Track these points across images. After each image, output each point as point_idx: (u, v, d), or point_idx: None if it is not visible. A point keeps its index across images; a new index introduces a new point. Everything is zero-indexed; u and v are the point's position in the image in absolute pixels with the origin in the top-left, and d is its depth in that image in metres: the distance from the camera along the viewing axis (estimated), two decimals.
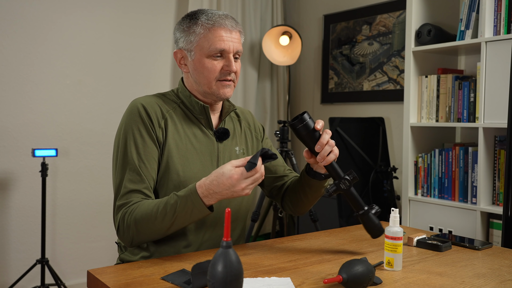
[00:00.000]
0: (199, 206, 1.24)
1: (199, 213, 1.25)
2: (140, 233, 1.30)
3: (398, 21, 3.15)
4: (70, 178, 3.02)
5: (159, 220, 1.27)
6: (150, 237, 1.32)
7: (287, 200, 1.56)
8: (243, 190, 1.22)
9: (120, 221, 1.32)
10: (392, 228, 1.20)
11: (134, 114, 1.38)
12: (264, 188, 1.62)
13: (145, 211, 1.28)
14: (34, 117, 2.89)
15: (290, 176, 1.60)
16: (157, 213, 1.27)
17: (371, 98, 3.31)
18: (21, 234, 2.86)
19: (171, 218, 1.26)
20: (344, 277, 1.04)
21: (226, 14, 1.42)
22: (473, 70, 2.62)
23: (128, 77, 3.22)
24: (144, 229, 1.29)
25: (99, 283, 1.10)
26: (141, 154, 1.35)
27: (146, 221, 1.28)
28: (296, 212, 1.57)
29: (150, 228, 1.29)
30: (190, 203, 1.24)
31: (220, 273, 0.85)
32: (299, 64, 3.90)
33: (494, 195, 2.30)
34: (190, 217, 1.26)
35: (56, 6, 2.94)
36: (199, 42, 1.39)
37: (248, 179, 1.21)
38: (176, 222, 1.27)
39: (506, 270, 1.23)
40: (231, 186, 1.20)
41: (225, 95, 1.42)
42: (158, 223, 1.27)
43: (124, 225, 1.31)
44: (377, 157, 2.82)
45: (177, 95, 1.47)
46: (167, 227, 1.28)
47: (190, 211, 1.25)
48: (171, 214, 1.25)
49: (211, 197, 1.23)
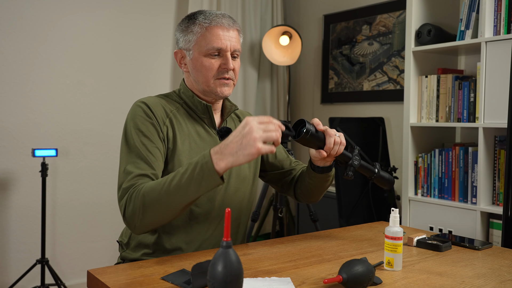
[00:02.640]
0: (209, 167, 1.16)
1: (209, 178, 1.17)
2: (147, 209, 1.22)
3: (398, 21, 3.15)
4: (70, 178, 3.02)
5: (167, 190, 1.20)
6: (158, 214, 1.23)
7: (299, 193, 1.58)
8: (255, 141, 1.12)
9: (126, 202, 1.26)
10: (392, 228, 1.20)
11: (139, 111, 1.39)
12: (275, 185, 1.64)
13: (153, 184, 1.24)
14: (34, 117, 2.89)
15: (297, 168, 1.62)
16: (165, 183, 1.21)
17: (371, 98, 3.31)
18: (21, 234, 2.86)
19: (180, 185, 1.19)
20: (344, 277, 1.04)
21: (223, 13, 1.43)
22: (473, 70, 2.62)
23: (128, 77, 3.22)
24: (151, 204, 1.22)
25: (99, 283, 1.10)
26: (148, 146, 1.34)
27: (153, 193, 1.22)
28: (311, 201, 1.60)
29: (158, 202, 1.21)
30: (200, 167, 1.17)
31: (220, 273, 0.85)
32: (299, 64, 3.90)
33: (494, 195, 2.30)
34: (199, 184, 1.18)
35: (56, 6, 2.94)
36: (197, 41, 1.40)
37: (261, 127, 1.14)
38: (184, 191, 1.19)
39: (506, 270, 1.23)
40: (243, 129, 1.14)
41: (223, 94, 1.43)
42: (166, 194, 1.20)
43: (131, 205, 1.25)
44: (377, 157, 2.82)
45: (179, 96, 1.48)
46: (176, 199, 1.20)
47: (200, 176, 1.17)
48: (179, 181, 1.19)
49: (221, 154, 1.16)
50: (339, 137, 1.36)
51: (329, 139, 1.34)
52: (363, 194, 2.72)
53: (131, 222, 1.27)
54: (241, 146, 1.14)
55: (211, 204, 1.42)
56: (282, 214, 3.02)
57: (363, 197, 2.71)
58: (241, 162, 1.15)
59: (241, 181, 1.49)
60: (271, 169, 1.62)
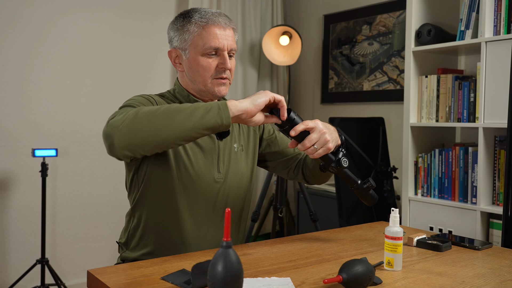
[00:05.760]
0: (222, 103, 1.19)
1: (218, 111, 1.17)
2: (139, 120, 1.14)
3: (398, 21, 3.15)
4: (70, 178, 3.02)
5: (167, 109, 1.16)
6: (146, 131, 1.15)
7: (308, 174, 1.56)
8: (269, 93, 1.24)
9: (116, 114, 1.21)
10: (392, 228, 1.20)
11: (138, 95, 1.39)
12: (281, 172, 1.62)
13: (152, 106, 1.21)
14: (34, 117, 2.89)
15: (302, 153, 1.60)
16: (166, 105, 1.19)
17: (371, 98, 3.31)
18: (21, 234, 2.86)
19: (182, 108, 1.16)
20: (344, 277, 1.04)
21: (219, 12, 1.42)
22: (473, 70, 2.62)
23: (128, 77, 3.22)
24: (144, 117, 1.15)
25: (99, 283, 1.10)
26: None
27: (150, 109, 1.17)
28: (322, 182, 1.59)
29: (153, 118, 1.15)
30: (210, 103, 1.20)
31: (220, 273, 0.85)
32: (299, 64, 3.90)
33: (494, 195, 2.30)
34: (206, 113, 1.17)
35: (56, 6, 2.94)
36: (193, 41, 1.39)
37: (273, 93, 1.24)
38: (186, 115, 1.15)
39: (506, 270, 1.23)
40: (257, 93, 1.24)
41: (220, 93, 1.42)
42: (165, 112, 1.16)
43: (121, 115, 1.18)
44: (377, 157, 2.82)
45: (174, 96, 1.47)
46: (174, 120, 1.15)
47: (209, 106, 1.18)
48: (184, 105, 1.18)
49: (236, 100, 1.22)
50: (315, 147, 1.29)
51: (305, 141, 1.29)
52: None
53: (114, 130, 1.16)
54: (257, 96, 1.23)
55: (210, 203, 1.42)
56: (282, 214, 3.02)
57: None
58: (252, 108, 1.21)
59: (239, 179, 1.49)
60: (275, 158, 1.61)
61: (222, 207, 1.44)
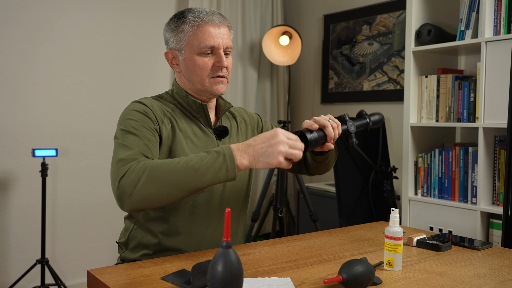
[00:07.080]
0: (231, 160, 1.17)
1: (228, 170, 1.18)
2: (153, 181, 1.17)
3: (398, 21, 3.15)
4: (70, 178, 3.02)
5: (184, 169, 1.17)
6: (161, 190, 1.18)
7: (312, 168, 1.56)
8: (278, 154, 1.17)
9: (127, 172, 1.19)
10: (392, 228, 1.20)
11: (135, 106, 1.37)
12: None
13: (164, 161, 1.20)
14: (34, 117, 2.89)
15: None
16: (179, 162, 1.18)
17: (371, 98, 3.31)
18: (21, 234, 2.86)
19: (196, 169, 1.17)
20: (344, 277, 1.04)
21: (213, 11, 1.42)
22: (473, 70, 2.62)
23: (128, 77, 3.22)
24: (158, 177, 1.17)
25: (99, 283, 1.10)
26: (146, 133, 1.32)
27: (164, 167, 1.18)
28: (325, 172, 1.60)
29: (167, 177, 1.17)
30: (222, 157, 1.18)
31: (220, 273, 0.85)
32: (299, 64, 3.90)
33: (494, 195, 2.30)
34: (217, 173, 1.18)
35: (56, 6, 2.94)
36: (189, 40, 1.39)
37: (288, 143, 1.19)
38: (200, 175, 1.17)
39: (506, 270, 1.23)
40: (271, 138, 1.18)
41: (218, 92, 1.42)
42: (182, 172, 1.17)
43: (132, 174, 1.18)
44: (377, 157, 2.82)
45: (173, 97, 1.47)
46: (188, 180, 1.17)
47: (219, 165, 1.17)
48: (198, 164, 1.17)
49: (244, 152, 1.19)
50: (332, 120, 1.34)
51: (328, 130, 1.33)
52: (363, 194, 2.72)
53: (127, 190, 1.18)
54: (265, 154, 1.18)
55: (209, 203, 1.42)
56: (282, 214, 3.02)
57: (363, 197, 2.71)
58: (258, 166, 1.20)
59: (238, 179, 1.48)
60: None
61: (221, 206, 1.44)
